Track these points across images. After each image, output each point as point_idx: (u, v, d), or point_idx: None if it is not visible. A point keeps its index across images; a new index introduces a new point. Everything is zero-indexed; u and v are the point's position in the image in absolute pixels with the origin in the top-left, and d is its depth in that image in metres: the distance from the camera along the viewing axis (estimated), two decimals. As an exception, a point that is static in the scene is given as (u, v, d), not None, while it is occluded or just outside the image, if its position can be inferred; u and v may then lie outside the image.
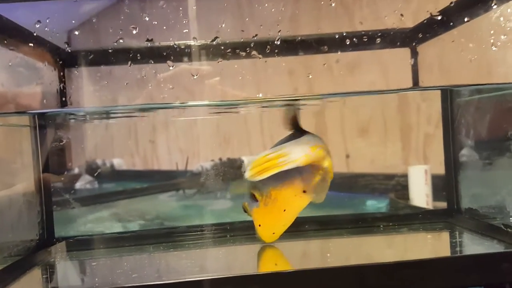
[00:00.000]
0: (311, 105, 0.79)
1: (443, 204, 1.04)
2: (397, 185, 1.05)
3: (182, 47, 0.60)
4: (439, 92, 0.66)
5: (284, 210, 0.54)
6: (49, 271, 0.54)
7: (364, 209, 1.00)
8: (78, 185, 1.03)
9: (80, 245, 0.61)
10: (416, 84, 0.69)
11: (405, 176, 1.07)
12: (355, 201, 1.04)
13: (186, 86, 0.63)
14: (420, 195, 1.03)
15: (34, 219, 0.60)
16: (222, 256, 0.57)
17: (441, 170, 1.17)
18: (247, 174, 0.50)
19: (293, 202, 0.54)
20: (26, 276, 0.50)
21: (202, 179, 0.96)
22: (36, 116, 0.60)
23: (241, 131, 1.64)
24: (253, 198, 0.54)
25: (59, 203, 0.68)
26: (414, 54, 0.68)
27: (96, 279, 0.50)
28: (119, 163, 1.33)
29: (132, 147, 1.39)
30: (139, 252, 0.58)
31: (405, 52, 0.69)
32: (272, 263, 0.53)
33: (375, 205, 1.01)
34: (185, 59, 0.62)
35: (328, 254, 0.55)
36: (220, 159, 1.39)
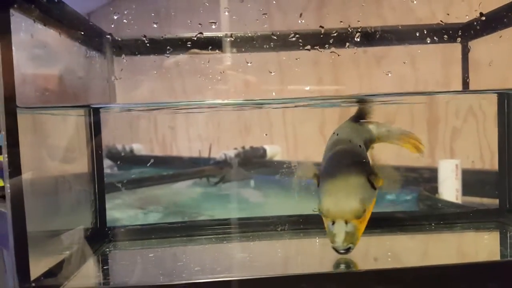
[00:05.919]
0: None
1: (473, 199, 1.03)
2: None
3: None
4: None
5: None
6: (108, 261, 0.54)
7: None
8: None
9: (131, 234, 0.62)
10: (465, 81, 0.68)
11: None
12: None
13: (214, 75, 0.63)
14: (450, 189, 1.02)
15: (89, 208, 0.60)
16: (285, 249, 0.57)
17: (467, 164, 1.15)
18: None
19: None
20: (87, 266, 0.51)
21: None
22: (91, 108, 0.60)
23: (262, 119, 1.63)
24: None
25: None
26: (465, 50, 0.67)
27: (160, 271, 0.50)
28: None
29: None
30: (194, 243, 0.59)
31: (435, 47, 0.68)
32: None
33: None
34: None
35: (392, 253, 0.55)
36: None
